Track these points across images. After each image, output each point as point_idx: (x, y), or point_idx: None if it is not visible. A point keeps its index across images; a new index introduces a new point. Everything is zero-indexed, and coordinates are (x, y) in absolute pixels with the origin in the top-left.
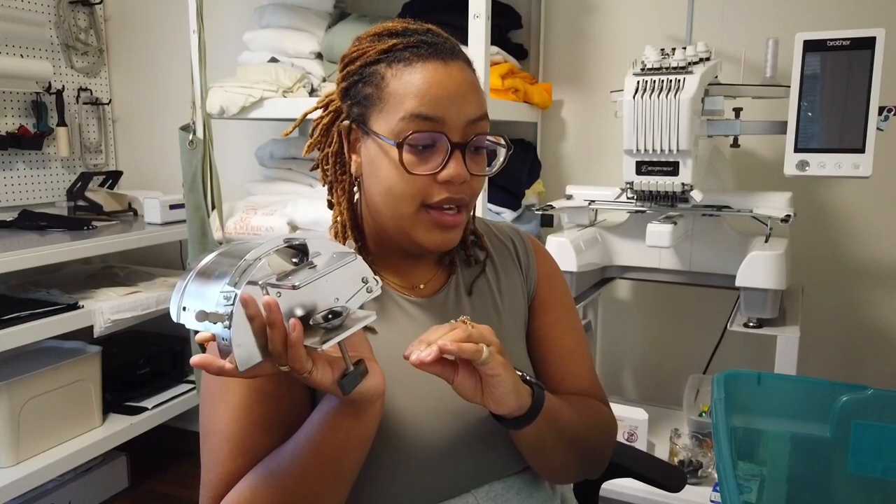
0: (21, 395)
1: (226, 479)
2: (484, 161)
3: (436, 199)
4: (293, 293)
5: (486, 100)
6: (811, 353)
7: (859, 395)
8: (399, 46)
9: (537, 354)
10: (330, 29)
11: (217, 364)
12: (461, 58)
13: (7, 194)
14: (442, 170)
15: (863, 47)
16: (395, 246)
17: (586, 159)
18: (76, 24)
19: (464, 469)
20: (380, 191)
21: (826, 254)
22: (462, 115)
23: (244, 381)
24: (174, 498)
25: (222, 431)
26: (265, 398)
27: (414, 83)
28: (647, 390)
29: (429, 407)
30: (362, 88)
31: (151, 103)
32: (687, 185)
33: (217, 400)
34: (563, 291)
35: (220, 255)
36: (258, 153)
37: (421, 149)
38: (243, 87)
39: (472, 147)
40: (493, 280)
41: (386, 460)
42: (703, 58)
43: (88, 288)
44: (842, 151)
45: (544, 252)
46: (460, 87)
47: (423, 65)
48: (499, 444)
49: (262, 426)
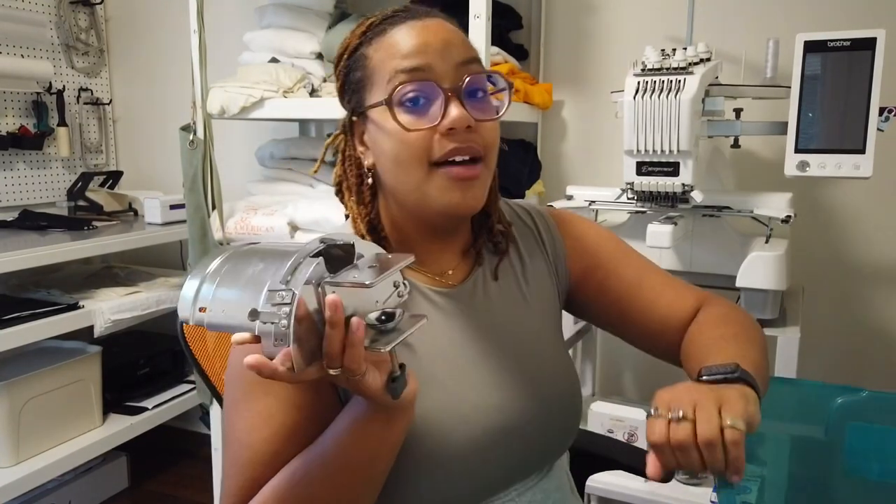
0: (21, 395)
1: (246, 487)
2: (490, 107)
3: (442, 153)
4: (348, 293)
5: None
6: (812, 354)
7: (854, 397)
8: (375, 23)
9: (627, 314)
10: (330, 29)
11: (271, 367)
12: (440, 16)
13: (7, 194)
14: (442, 119)
15: (863, 48)
16: (418, 236)
17: (587, 160)
18: (77, 24)
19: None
20: (389, 167)
21: (826, 254)
22: (448, 59)
23: (269, 389)
24: (174, 498)
25: (242, 439)
26: (289, 407)
27: (391, 46)
28: (648, 390)
29: (469, 402)
30: (352, 76)
31: (152, 103)
32: (687, 186)
33: (240, 407)
34: (597, 242)
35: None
36: (258, 153)
37: (415, 105)
38: (244, 88)
39: (468, 91)
40: (517, 264)
41: (428, 461)
42: (704, 58)
43: (89, 288)
44: (842, 152)
45: (565, 220)
46: (439, 34)
47: (398, 28)
48: (537, 436)
49: (284, 435)
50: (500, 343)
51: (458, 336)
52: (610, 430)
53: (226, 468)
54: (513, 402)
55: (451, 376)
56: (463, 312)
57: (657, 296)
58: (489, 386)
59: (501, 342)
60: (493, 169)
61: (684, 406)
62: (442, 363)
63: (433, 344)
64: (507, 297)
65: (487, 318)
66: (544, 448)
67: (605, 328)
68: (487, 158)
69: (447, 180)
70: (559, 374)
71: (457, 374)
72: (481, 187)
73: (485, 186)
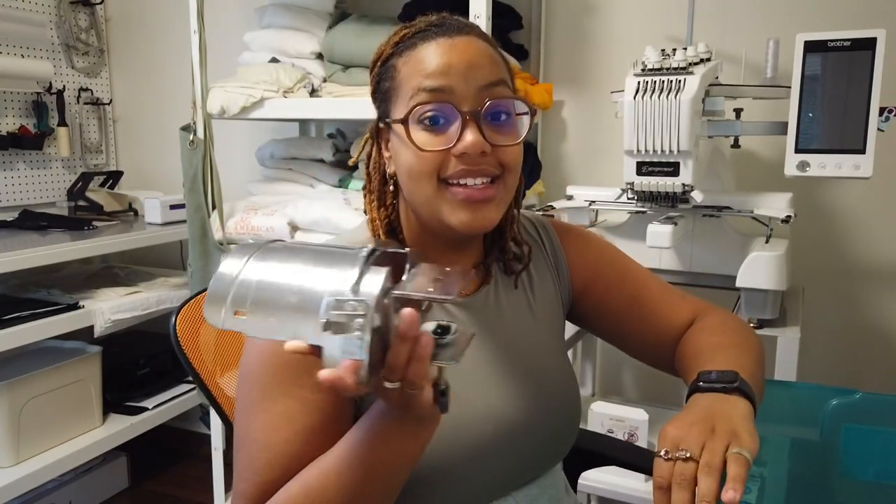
0: (21, 395)
1: (262, 490)
2: (513, 130)
3: (451, 172)
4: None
5: (506, 68)
6: (812, 354)
7: (848, 399)
8: (408, 35)
9: (625, 326)
10: (331, 29)
11: (344, 383)
12: (472, 32)
13: (7, 194)
14: (457, 143)
15: (863, 48)
16: (434, 243)
17: (587, 160)
18: (77, 24)
19: (508, 471)
20: (404, 178)
21: (826, 254)
22: (471, 81)
23: (288, 390)
24: (174, 498)
25: (260, 440)
26: (310, 409)
27: (418, 62)
28: (648, 390)
29: (478, 411)
30: (382, 85)
31: (152, 103)
32: (687, 186)
33: (256, 408)
34: (598, 255)
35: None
36: (259, 153)
37: (433, 125)
38: (244, 88)
39: (488, 114)
40: (526, 277)
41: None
42: (704, 58)
43: (89, 288)
44: (842, 152)
45: (567, 233)
46: (466, 55)
47: (428, 44)
48: (538, 444)
49: (304, 437)
50: (507, 354)
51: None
52: (610, 430)
53: (240, 470)
54: (517, 412)
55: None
56: (473, 322)
57: (654, 308)
58: (494, 394)
59: (509, 353)
60: (513, 188)
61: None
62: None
63: None
64: (517, 310)
65: (497, 328)
66: (543, 455)
67: (602, 338)
68: (506, 177)
69: (456, 199)
70: (562, 385)
71: (463, 382)
72: (496, 208)
73: (501, 206)
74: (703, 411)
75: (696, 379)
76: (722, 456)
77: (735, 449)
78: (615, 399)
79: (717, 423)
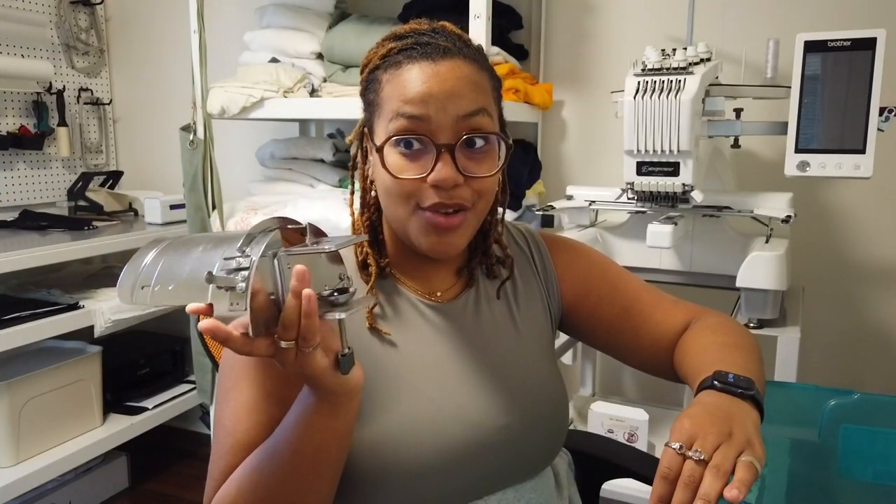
0: (21, 395)
1: (225, 472)
2: (489, 160)
3: (426, 204)
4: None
5: (490, 95)
6: (812, 354)
7: (846, 399)
8: (395, 50)
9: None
10: (331, 29)
11: (225, 331)
12: (459, 55)
13: (8, 194)
14: (430, 172)
15: (863, 48)
16: (412, 252)
17: (587, 160)
18: (77, 24)
19: (480, 476)
20: (381, 194)
21: (826, 254)
22: (449, 111)
23: (255, 381)
24: (174, 498)
25: (227, 427)
26: (272, 399)
27: (400, 85)
28: (648, 391)
29: (448, 414)
30: (368, 95)
31: (152, 103)
32: (687, 186)
33: (228, 396)
34: (588, 269)
35: (191, 241)
36: (259, 153)
37: (409, 151)
38: (244, 88)
39: (464, 146)
40: (510, 286)
41: (403, 466)
42: (704, 58)
43: (89, 288)
44: (842, 152)
45: (557, 245)
46: (447, 83)
47: (411, 66)
48: (516, 452)
49: (266, 426)
50: (484, 360)
51: (442, 349)
52: (610, 431)
53: (212, 453)
54: (491, 418)
55: (430, 386)
56: (450, 327)
57: (648, 317)
58: (465, 398)
59: (486, 359)
60: (484, 211)
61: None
62: (423, 372)
63: (417, 353)
64: (497, 318)
65: (474, 335)
66: (523, 463)
67: (599, 350)
68: (476, 206)
69: (427, 225)
70: (545, 398)
71: (437, 385)
72: (462, 235)
73: (467, 232)
74: (721, 412)
75: (711, 376)
76: (734, 462)
77: (747, 457)
78: (615, 399)
79: (734, 428)
